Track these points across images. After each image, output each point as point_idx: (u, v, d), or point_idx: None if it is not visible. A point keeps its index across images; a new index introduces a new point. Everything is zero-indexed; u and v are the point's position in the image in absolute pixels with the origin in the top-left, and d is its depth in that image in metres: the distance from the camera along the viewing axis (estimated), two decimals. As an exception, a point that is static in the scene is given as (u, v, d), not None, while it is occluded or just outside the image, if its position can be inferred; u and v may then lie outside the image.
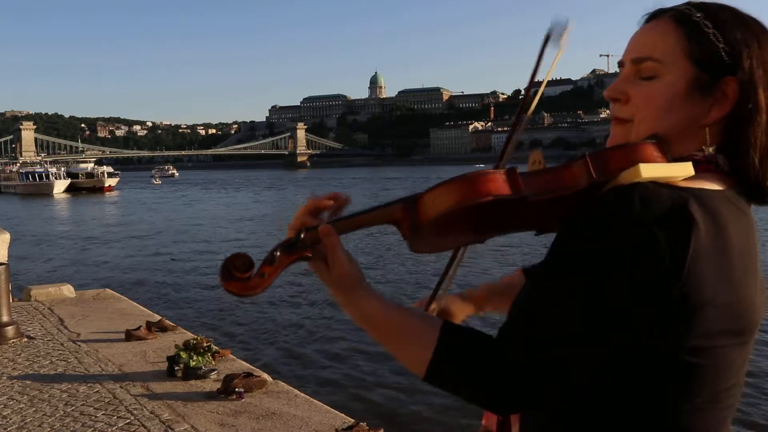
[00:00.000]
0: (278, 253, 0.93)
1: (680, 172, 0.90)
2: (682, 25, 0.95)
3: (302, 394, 5.34)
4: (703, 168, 0.93)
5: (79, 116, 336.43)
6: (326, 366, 9.32)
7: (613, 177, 0.90)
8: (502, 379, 0.87)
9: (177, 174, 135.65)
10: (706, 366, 0.88)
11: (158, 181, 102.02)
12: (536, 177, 0.93)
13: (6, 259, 8.16)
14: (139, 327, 6.98)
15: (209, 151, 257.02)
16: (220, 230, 30.04)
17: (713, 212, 0.87)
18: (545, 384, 0.87)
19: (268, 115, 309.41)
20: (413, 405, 7.72)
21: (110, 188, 77.11)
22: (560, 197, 0.92)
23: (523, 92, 1.20)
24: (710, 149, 0.94)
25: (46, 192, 69.36)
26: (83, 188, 74.64)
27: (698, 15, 0.94)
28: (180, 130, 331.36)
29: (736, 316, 0.89)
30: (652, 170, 0.89)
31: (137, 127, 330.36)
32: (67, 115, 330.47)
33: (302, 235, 0.94)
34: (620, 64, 1.02)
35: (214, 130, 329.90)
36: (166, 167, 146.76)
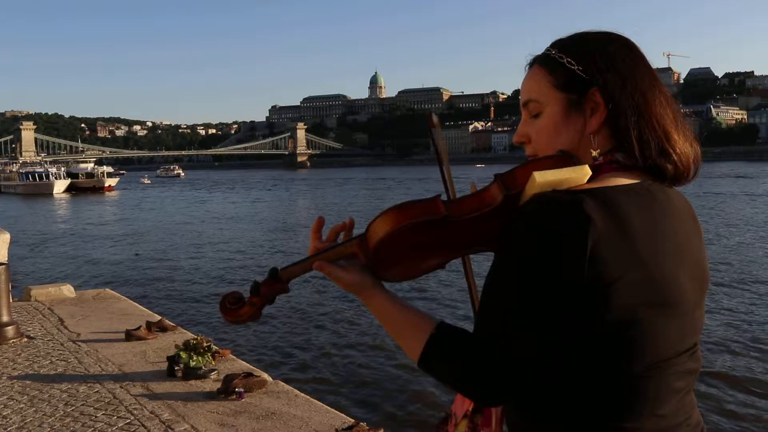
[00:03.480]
0: (261, 287, 1.15)
1: (574, 174, 1.05)
2: (544, 65, 1.15)
3: (302, 394, 5.34)
4: (607, 168, 1.09)
5: (79, 116, 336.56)
6: (326, 366, 9.33)
7: (521, 189, 1.07)
8: (478, 372, 1.02)
9: (183, 174, 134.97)
10: (636, 335, 1.01)
11: (148, 181, 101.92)
12: (459, 201, 1.10)
13: (6, 259, 8.17)
14: (139, 327, 6.98)
15: (209, 151, 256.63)
16: (220, 230, 30.04)
17: (612, 205, 1.01)
18: (511, 373, 1.01)
19: (268, 115, 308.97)
20: (413, 405, 7.72)
21: (110, 188, 77.11)
22: (484, 215, 1.08)
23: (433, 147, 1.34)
24: (596, 152, 1.11)
25: (46, 192, 69.39)
26: (83, 188, 74.63)
27: (553, 52, 1.15)
28: (180, 130, 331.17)
29: (653, 290, 1.02)
30: (545, 176, 1.04)
31: (137, 127, 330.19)
32: (67, 115, 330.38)
33: (279, 273, 1.15)
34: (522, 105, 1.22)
35: (214, 130, 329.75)
36: (172, 167, 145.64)
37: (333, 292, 14.56)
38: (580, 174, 1.06)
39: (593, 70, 1.11)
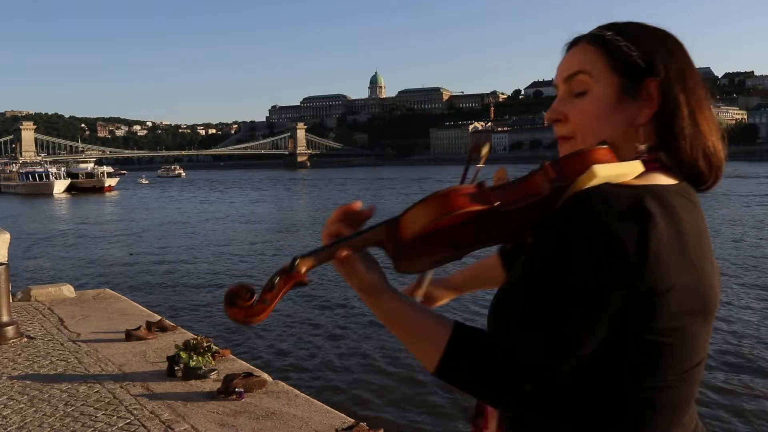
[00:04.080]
0: (277, 280, 1.00)
1: (631, 169, 1.00)
2: (597, 44, 1.07)
3: (302, 394, 5.34)
4: (650, 167, 1.03)
5: (79, 116, 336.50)
6: (326, 366, 9.32)
7: (572, 181, 0.98)
8: (507, 375, 0.95)
9: (184, 174, 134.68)
10: (675, 345, 0.98)
11: (145, 181, 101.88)
12: (504, 189, 1.01)
13: (6, 259, 8.17)
14: (139, 327, 6.98)
15: (209, 151, 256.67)
16: (220, 230, 30.04)
17: (667, 204, 0.96)
18: (544, 378, 0.95)
19: (268, 115, 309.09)
20: (413, 405, 7.72)
21: (110, 188, 77.09)
22: (528, 205, 0.99)
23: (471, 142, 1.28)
24: (642, 146, 1.05)
25: (46, 192, 69.34)
26: (83, 188, 74.60)
27: (609, 33, 1.07)
28: (180, 130, 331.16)
29: (699, 297, 0.99)
30: (605, 170, 0.98)
31: (137, 127, 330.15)
32: (67, 115, 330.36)
33: (297, 262, 1.00)
34: (554, 86, 1.14)
35: (214, 130, 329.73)
36: (173, 167, 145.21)
37: (333, 291, 14.56)
38: (634, 170, 1.00)
39: (653, 61, 1.05)
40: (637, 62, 1.04)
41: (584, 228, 0.92)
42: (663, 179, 1.03)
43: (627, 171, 0.99)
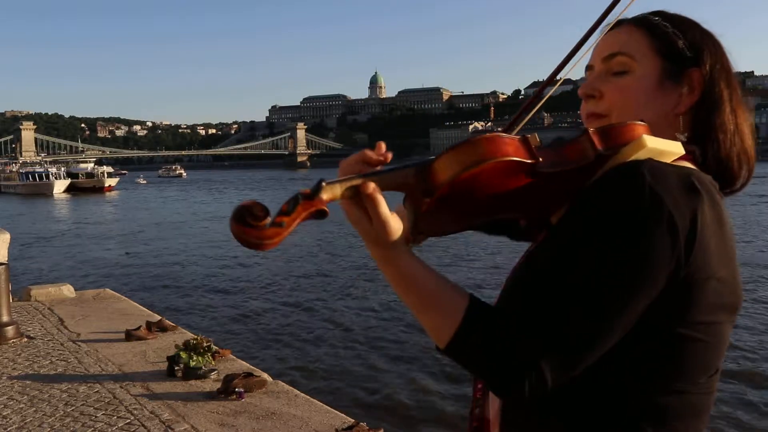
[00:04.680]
0: (297, 203, 0.84)
1: (675, 149, 0.95)
2: (643, 26, 1.04)
3: (302, 394, 5.34)
4: (683, 158, 0.98)
5: (79, 116, 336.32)
6: (326, 366, 9.32)
7: (618, 150, 0.92)
8: (527, 355, 0.85)
9: (185, 174, 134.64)
10: (706, 343, 0.91)
11: (143, 181, 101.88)
12: (548, 149, 0.92)
13: (6, 259, 8.16)
14: (139, 327, 6.98)
15: (209, 151, 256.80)
16: (220, 230, 30.01)
17: (708, 189, 0.91)
18: (576, 366, 0.86)
19: (268, 115, 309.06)
20: (413, 405, 7.72)
21: (110, 188, 77.12)
22: (568, 171, 0.90)
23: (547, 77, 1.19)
24: (683, 136, 1.00)
25: (46, 192, 69.37)
26: (83, 188, 74.62)
27: (656, 19, 1.05)
28: (180, 130, 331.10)
29: (732, 291, 0.93)
30: (654, 142, 0.92)
31: (137, 127, 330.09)
32: (67, 115, 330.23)
33: (323, 186, 0.87)
34: (589, 67, 1.09)
35: (214, 130, 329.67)
36: (174, 167, 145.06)
37: (334, 290, 14.57)
38: (677, 150, 0.95)
39: (699, 51, 1.02)
40: (683, 49, 1.02)
41: (633, 200, 0.85)
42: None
43: (672, 149, 0.94)
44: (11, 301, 7.40)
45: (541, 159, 0.88)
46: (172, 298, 14.53)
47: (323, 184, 0.87)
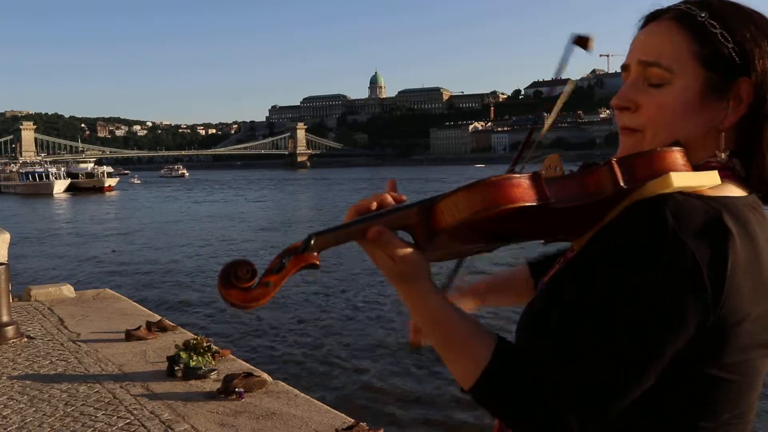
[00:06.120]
0: (286, 261, 0.84)
1: (708, 181, 0.87)
2: (686, 26, 0.91)
3: (302, 394, 5.34)
4: (722, 174, 0.89)
5: (79, 116, 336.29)
6: (326, 366, 9.32)
7: (641, 185, 0.86)
8: (553, 404, 0.83)
9: (187, 174, 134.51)
10: (737, 382, 0.86)
11: (137, 181, 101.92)
12: (560, 183, 0.88)
13: (6, 259, 8.16)
14: (139, 327, 6.98)
15: (209, 151, 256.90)
16: (220, 230, 30.02)
17: (744, 221, 0.84)
18: (595, 413, 0.83)
19: (268, 115, 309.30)
20: (413, 405, 7.72)
21: (110, 188, 77.12)
22: (585, 205, 0.87)
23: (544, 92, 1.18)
24: (723, 155, 0.91)
25: (46, 192, 69.33)
26: (83, 188, 74.62)
27: (702, 15, 0.90)
28: (180, 130, 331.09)
29: (767, 327, 0.86)
30: (683, 180, 0.85)
31: (137, 127, 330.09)
32: (67, 115, 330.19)
33: (312, 241, 0.85)
34: (624, 67, 0.97)
35: (214, 130, 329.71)
36: (176, 167, 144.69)
37: (334, 289, 14.56)
38: (711, 183, 0.87)
39: (750, 56, 0.89)
40: (732, 56, 0.89)
41: (655, 243, 0.80)
42: (735, 190, 0.90)
43: (704, 182, 0.86)
44: (11, 301, 7.40)
45: (552, 199, 0.85)
46: (172, 298, 14.53)
47: (312, 238, 0.85)
